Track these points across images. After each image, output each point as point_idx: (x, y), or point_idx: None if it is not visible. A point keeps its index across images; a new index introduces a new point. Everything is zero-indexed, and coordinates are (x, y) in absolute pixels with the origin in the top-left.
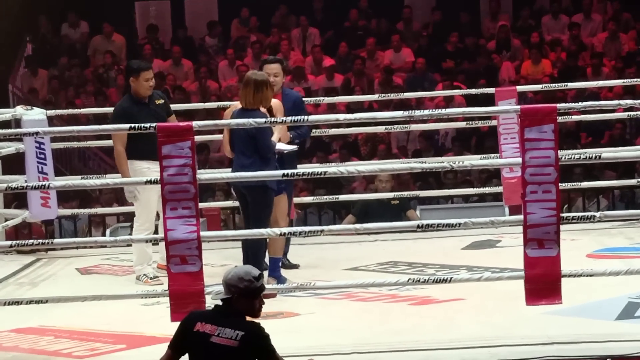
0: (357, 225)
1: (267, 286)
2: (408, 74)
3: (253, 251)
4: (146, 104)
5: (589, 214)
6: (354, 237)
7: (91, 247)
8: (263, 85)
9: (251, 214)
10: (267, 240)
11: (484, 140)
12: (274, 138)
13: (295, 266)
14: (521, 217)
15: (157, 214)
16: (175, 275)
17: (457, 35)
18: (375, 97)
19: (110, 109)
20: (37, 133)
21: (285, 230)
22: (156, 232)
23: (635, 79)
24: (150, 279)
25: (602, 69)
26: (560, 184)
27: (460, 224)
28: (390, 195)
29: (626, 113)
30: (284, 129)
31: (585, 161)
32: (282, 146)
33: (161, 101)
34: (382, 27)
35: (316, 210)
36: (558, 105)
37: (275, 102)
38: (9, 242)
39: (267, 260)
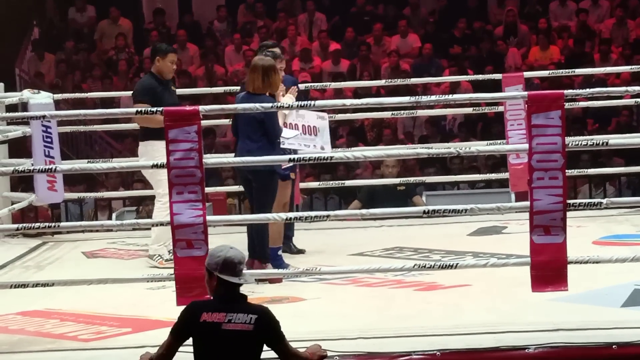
0: (363, 211)
1: (275, 271)
2: (415, 60)
3: (259, 236)
4: (167, 86)
5: (596, 200)
6: (360, 223)
7: (97, 230)
8: (271, 70)
9: (255, 198)
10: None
11: (490, 126)
12: (280, 123)
13: (302, 251)
14: (527, 203)
15: None
16: (181, 260)
17: (465, 21)
18: (382, 82)
19: (116, 93)
20: (44, 116)
21: (292, 215)
22: None
23: None
24: (165, 260)
25: (610, 56)
26: (566, 171)
27: (466, 210)
28: (397, 181)
29: (633, 100)
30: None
31: (592, 148)
32: (286, 133)
33: (174, 89)
34: (389, 13)
35: (322, 195)
36: (565, 91)
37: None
38: (15, 225)
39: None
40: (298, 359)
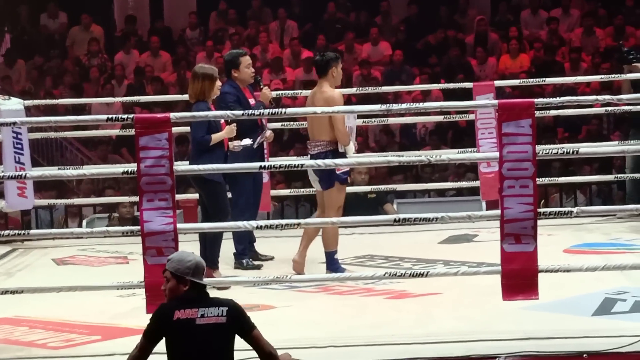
0: (334, 219)
1: (227, 279)
2: (386, 68)
3: (211, 243)
4: None
5: (566, 209)
6: None
7: (67, 237)
8: (206, 78)
9: (208, 206)
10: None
11: (461, 134)
12: (219, 135)
13: (270, 258)
14: (498, 212)
15: None
16: (151, 267)
17: (435, 29)
18: (353, 90)
19: (87, 100)
20: (14, 123)
21: (262, 223)
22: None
23: (612, 75)
24: None
25: (580, 64)
26: (537, 179)
27: (437, 219)
28: (367, 188)
29: (603, 108)
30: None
31: (563, 156)
32: (237, 142)
33: None
34: (361, 20)
35: (293, 202)
36: (536, 100)
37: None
38: None
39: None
40: (272, 349)
